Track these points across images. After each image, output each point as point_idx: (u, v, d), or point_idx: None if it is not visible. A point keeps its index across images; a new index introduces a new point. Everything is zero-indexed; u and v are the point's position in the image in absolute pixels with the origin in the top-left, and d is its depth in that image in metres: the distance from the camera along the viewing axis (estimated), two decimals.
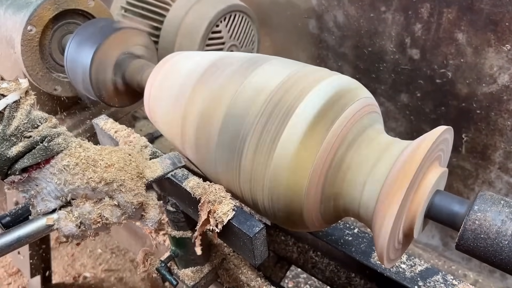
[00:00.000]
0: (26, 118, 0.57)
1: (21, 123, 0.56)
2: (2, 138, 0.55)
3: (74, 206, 0.60)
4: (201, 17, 1.22)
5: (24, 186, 0.59)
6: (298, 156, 0.58)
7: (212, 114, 0.67)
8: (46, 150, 0.57)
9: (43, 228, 0.59)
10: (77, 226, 0.60)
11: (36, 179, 0.58)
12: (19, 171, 0.56)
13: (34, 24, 0.93)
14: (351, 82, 0.65)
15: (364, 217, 0.59)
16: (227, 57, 0.74)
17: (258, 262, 0.64)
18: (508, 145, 1.32)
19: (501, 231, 0.50)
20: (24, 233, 0.58)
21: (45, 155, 0.57)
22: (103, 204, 0.61)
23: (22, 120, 0.56)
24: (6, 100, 0.55)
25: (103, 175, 0.60)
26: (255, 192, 0.64)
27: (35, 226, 0.59)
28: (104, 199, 0.61)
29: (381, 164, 0.57)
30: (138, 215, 0.65)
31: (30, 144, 0.56)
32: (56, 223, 0.59)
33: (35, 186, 0.59)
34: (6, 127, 0.55)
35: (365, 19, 1.41)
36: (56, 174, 0.58)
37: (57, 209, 0.60)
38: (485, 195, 0.54)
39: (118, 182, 0.61)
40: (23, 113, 0.57)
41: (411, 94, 1.45)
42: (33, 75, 0.98)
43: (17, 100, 0.56)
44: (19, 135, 0.56)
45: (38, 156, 0.57)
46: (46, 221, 0.59)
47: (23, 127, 0.56)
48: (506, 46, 1.17)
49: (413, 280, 0.83)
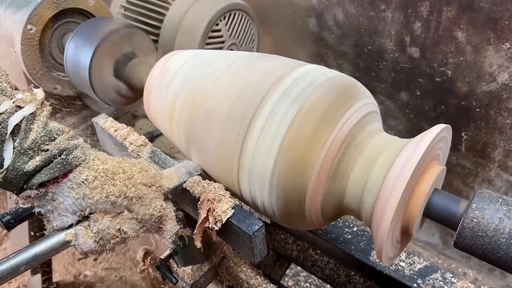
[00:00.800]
0: (43, 131, 0.55)
1: (38, 136, 0.54)
2: (19, 152, 0.53)
3: (92, 221, 0.58)
4: (200, 15, 1.22)
5: (40, 201, 0.57)
6: (299, 157, 0.58)
7: (212, 113, 0.67)
8: (64, 164, 0.55)
9: (61, 244, 0.57)
10: (96, 242, 0.58)
11: (53, 194, 0.56)
12: (36, 186, 0.54)
13: (34, 23, 0.94)
14: (350, 81, 0.65)
15: (363, 215, 0.59)
16: (227, 55, 0.74)
17: (257, 260, 0.64)
18: (508, 143, 1.33)
19: (499, 229, 0.50)
20: (41, 250, 0.56)
21: (63, 169, 0.55)
22: (122, 218, 0.59)
23: (39, 132, 0.54)
24: (23, 112, 0.53)
25: (123, 189, 0.58)
26: (255, 191, 0.64)
27: (52, 242, 0.57)
28: (123, 212, 0.59)
29: (380, 163, 0.57)
30: (156, 227, 0.63)
31: (47, 158, 0.54)
32: (74, 239, 0.57)
33: (52, 201, 0.56)
34: (23, 140, 0.53)
35: (364, 17, 1.42)
36: (74, 189, 0.56)
37: (74, 224, 0.58)
38: (483, 193, 0.54)
39: (138, 195, 0.59)
40: (39, 125, 0.55)
41: (411, 93, 1.46)
42: (33, 74, 0.99)
43: (33, 112, 0.54)
44: (36, 148, 0.54)
45: (57, 170, 0.55)
46: (64, 237, 0.57)
47: (40, 140, 0.54)
48: (505, 44, 1.17)
49: (412, 278, 0.83)
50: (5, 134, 0.52)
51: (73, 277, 1.75)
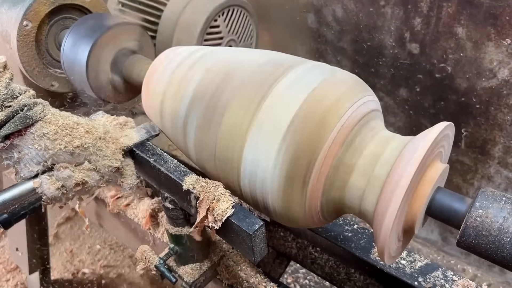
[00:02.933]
0: (5, 90, 0.61)
1: (0, 94, 0.60)
2: None
3: (56, 170, 0.64)
4: (199, 11, 1.21)
5: (7, 154, 0.62)
6: (300, 152, 0.57)
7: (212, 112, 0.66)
8: (26, 118, 0.61)
9: (28, 191, 0.62)
10: (59, 189, 0.64)
11: (18, 146, 0.62)
12: (1, 138, 0.60)
13: (30, 19, 0.92)
14: (352, 78, 0.64)
15: (365, 214, 0.59)
16: (226, 51, 0.73)
17: (257, 259, 0.64)
18: (508, 140, 1.32)
19: (503, 228, 0.50)
20: (9, 197, 0.61)
21: (25, 123, 0.61)
22: (82, 168, 0.65)
23: (1, 91, 0.61)
24: None
25: (81, 140, 0.64)
26: (255, 189, 0.63)
27: (20, 190, 0.62)
28: (83, 164, 0.65)
29: (382, 161, 0.56)
30: (115, 179, 0.70)
31: (10, 113, 0.60)
32: (39, 186, 0.63)
33: (18, 152, 0.62)
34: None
35: (364, 13, 1.40)
36: (36, 141, 0.62)
37: (40, 174, 0.64)
38: (487, 192, 0.53)
39: (95, 147, 0.65)
40: (2, 84, 0.61)
41: (410, 89, 1.45)
42: (30, 71, 0.97)
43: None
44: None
45: (19, 123, 0.60)
46: (33, 184, 0.63)
47: (2, 97, 0.60)
48: (506, 40, 1.17)
49: (413, 276, 0.82)
50: None
51: (71, 274, 1.73)
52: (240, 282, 0.86)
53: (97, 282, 1.72)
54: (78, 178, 0.64)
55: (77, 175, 0.64)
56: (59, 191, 0.64)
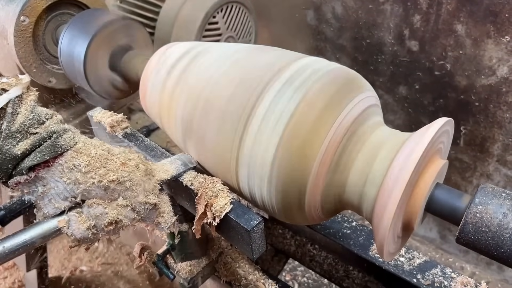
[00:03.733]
0: (31, 114, 0.53)
1: (26, 119, 0.53)
2: (6, 135, 0.51)
3: (86, 207, 0.56)
4: (197, 8, 1.21)
5: (30, 187, 0.55)
6: (299, 151, 0.57)
7: (211, 104, 0.66)
8: (54, 147, 0.54)
9: (52, 231, 0.55)
10: (89, 229, 0.56)
11: (43, 179, 0.54)
12: (25, 170, 0.52)
13: (27, 15, 0.92)
14: (352, 73, 0.64)
15: (364, 210, 0.58)
16: (226, 47, 0.72)
17: (256, 256, 0.63)
18: (507, 137, 1.32)
19: (503, 224, 0.49)
20: (31, 237, 0.54)
21: (53, 152, 0.54)
22: (116, 205, 0.57)
23: (26, 116, 0.53)
24: (8, 95, 0.52)
25: (117, 174, 0.56)
26: (253, 184, 0.63)
27: (43, 229, 0.55)
28: (117, 200, 0.57)
29: (382, 157, 0.56)
30: (151, 217, 0.62)
31: (37, 141, 0.53)
32: (67, 225, 0.55)
33: (43, 186, 0.55)
34: (10, 123, 0.52)
35: (363, 10, 1.40)
36: (66, 173, 0.54)
37: (66, 211, 0.56)
38: (486, 188, 0.53)
39: (132, 181, 0.58)
40: (27, 108, 0.54)
41: (410, 86, 1.44)
42: (27, 67, 0.97)
43: (20, 95, 0.53)
44: (24, 131, 0.53)
45: (46, 153, 0.53)
46: (57, 223, 0.55)
47: (28, 123, 0.53)
48: (505, 37, 1.16)
49: (411, 273, 0.82)
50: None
51: (69, 272, 1.73)
52: (239, 279, 0.85)
53: (94, 280, 1.72)
54: (111, 216, 0.57)
55: (111, 213, 0.57)
56: (89, 231, 0.56)
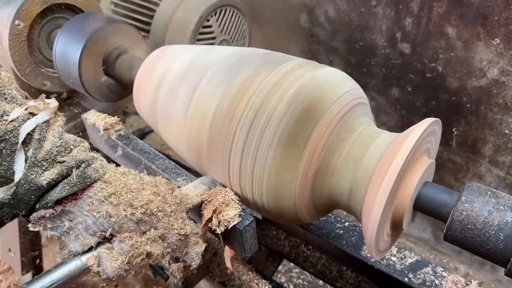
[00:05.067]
0: (58, 141, 0.49)
1: (53, 146, 0.49)
2: (32, 163, 0.47)
3: (117, 242, 0.52)
4: (191, 11, 1.22)
5: (55, 222, 0.50)
6: (286, 151, 0.58)
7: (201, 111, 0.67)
8: (84, 178, 0.50)
9: (81, 270, 0.50)
10: (122, 266, 0.51)
11: (70, 213, 0.50)
12: (52, 203, 0.48)
13: (21, 19, 0.92)
14: (338, 73, 0.65)
15: (353, 209, 0.59)
16: (216, 52, 0.73)
17: (248, 255, 0.64)
18: (498, 138, 1.34)
19: (488, 221, 0.50)
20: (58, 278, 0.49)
21: (82, 183, 0.49)
22: (148, 237, 0.53)
23: (54, 143, 0.49)
24: (36, 119, 0.48)
25: (149, 205, 0.53)
26: (245, 187, 0.64)
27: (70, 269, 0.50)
28: (148, 232, 0.54)
29: (369, 156, 0.57)
30: (181, 248, 0.59)
31: (64, 170, 0.49)
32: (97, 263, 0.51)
33: (69, 221, 0.50)
34: (36, 150, 0.48)
35: (356, 13, 1.42)
36: (95, 206, 0.50)
37: (94, 247, 0.52)
38: (473, 186, 0.54)
39: (164, 211, 0.54)
40: (55, 134, 0.50)
41: (402, 88, 1.46)
42: (21, 70, 0.97)
43: (47, 120, 0.50)
44: (50, 160, 0.49)
45: (75, 184, 0.49)
46: (86, 261, 0.50)
47: (56, 150, 0.49)
48: (495, 40, 1.18)
49: (403, 272, 0.83)
50: (16, 144, 0.47)
51: None
52: (232, 280, 0.86)
53: (89, 282, 1.72)
54: (144, 250, 0.52)
55: (144, 247, 0.52)
56: (122, 268, 0.51)
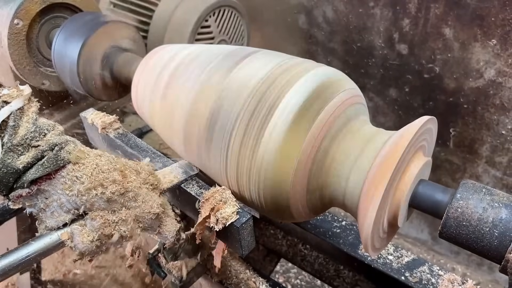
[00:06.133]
0: (32, 126, 0.53)
1: (28, 132, 0.52)
2: (8, 149, 0.50)
3: (89, 219, 0.55)
4: (190, 11, 1.22)
5: (32, 200, 0.54)
6: (283, 149, 0.58)
7: (199, 109, 0.67)
8: (57, 160, 0.53)
9: (55, 244, 0.54)
10: (93, 242, 0.55)
11: (45, 192, 0.53)
12: (27, 183, 0.51)
13: (21, 18, 0.93)
14: (335, 73, 0.65)
15: (349, 207, 0.60)
16: (213, 50, 0.74)
17: (245, 252, 0.64)
18: (495, 139, 1.34)
19: (483, 218, 0.51)
20: (34, 250, 0.52)
21: (56, 165, 0.52)
22: (119, 216, 0.56)
23: (28, 128, 0.52)
24: (10, 107, 0.52)
25: (120, 185, 0.56)
26: (242, 184, 0.64)
27: (45, 242, 0.53)
28: (120, 210, 0.57)
29: (365, 154, 0.58)
30: (154, 227, 0.62)
31: (39, 154, 0.52)
32: (70, 238, 0.54)
33: (45, 199, 0.54)
34: (11, 136, 0.51)
35: (353, 14, 1.42)
36: (68, 185, 0.53)
37: (69, 223, 0.55)
38: (468, 184, 0.55)
39: (134, 191, 0.57)
40: (29, 120, 0.53)
41: (400, 89, 1.47)
42: (20, 69, 0.98)
43: (21, 107, 0.53)
44: (26, 144, 0.52)
45: (48, 166, 0.52)
46: (59, 236, 0.54)
47: (30, 135, 0.52)
48: (492, 41, 1.19)
49: (399, 271, 0.84)
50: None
51: (63, 275, 1.73)
52: (230, 278, 0.86)
53: (88, 282, 1.72)
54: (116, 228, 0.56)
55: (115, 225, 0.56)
56: (93, 243, 0.55)
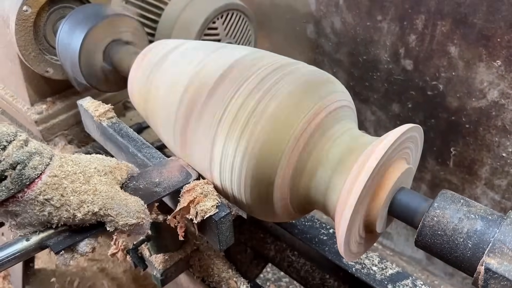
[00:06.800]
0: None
1: None
2: None
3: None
4: (198, 12, 1.24)
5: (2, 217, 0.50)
6: (266, 147, 0.59)
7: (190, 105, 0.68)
8: (21, 179, 0.47)
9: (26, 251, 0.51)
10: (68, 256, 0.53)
11: (13, 212, 0.49)
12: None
13: (30, 5, 0.95)
14: (321, 76, 0.66)
15: (328, 209, 0.60)
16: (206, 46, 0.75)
17: (223, 247, 0.65)
18: (495, 161, 1.33)
19: (458, 228, 0.51)
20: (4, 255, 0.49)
21: (21, 184, 0.47)
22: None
23: None
24: None
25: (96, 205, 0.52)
26: (225, 180, 0.64)
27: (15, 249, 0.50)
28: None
29: (346, 158, 0.58)
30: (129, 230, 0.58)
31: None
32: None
33: (14, 218, 0.49)
34: None
35: (361, 27, 1.43)
36: (38, 206, 0.49)
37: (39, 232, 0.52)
38: (447, 193, 0.54)
39: (109, 208, 0.53)
40: None
41: (403, 104, 1.46)
42: (26, 55, 1.00)
43: None
44: None
45: (13, 187, 0.46)
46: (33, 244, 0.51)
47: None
48: (497, 62, 1.18)
49: (382, 283, 0.83)
50: None
51: (55, 265, 1.74)
52: (211, 275, 0.86)
53: (79, 274, 1.73)
54: (93, 244, 0.54)
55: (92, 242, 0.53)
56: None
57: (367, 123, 1.59)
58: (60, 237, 0.52)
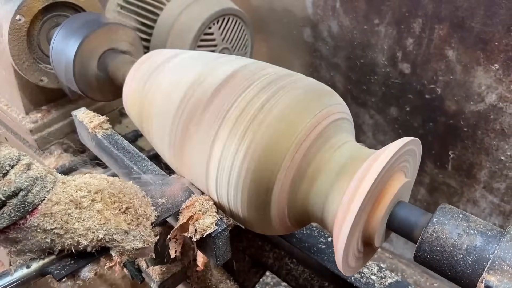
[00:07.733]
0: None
1: None
2: None
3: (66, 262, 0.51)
4: (194, 18, 1.23)
5: (2, 245, 0.48)
6: (263, 161, 0.58)
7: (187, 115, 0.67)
8: (23, 206, 0.46)
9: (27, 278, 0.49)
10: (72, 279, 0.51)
11: (15, 239, 0.47)
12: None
13: (23, 14, 0.94)
14: (323, 87, 0.65)
15: (326, 222, 0.59)
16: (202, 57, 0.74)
17: (220, 262, 0.64)
18: (493, 165, 1.32)
19: (457, 244, 0.50)
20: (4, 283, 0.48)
21: (24, 211, 0.46)
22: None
23: None
24: None
25: (101, 232, 0.50)
26: (221, 194, 0.64)
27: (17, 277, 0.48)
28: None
29: (344, 172, 0.57)
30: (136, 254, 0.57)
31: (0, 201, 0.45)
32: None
33: (14, 244, 0.48)
34: None
35: (358, 30, 1.42)
36: (41, 234, 0.47)
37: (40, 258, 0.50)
38: (445, 208, 0.54)
39: (114, 234, 0.51)
40: None
41: (401, 108, 1.46)
42: (19, 65, 0.99)
43: None
44: None
45: (15, 214, 0.45)
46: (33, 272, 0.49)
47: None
48: (494, 65, 1.18)
49: None
50: None
51: None
52: (209, 287, 0.86)
53: None
54: (95, 269, 0.52)
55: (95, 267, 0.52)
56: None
57: (365, 127, 1.59)
58: (62, 264, 0.51)
